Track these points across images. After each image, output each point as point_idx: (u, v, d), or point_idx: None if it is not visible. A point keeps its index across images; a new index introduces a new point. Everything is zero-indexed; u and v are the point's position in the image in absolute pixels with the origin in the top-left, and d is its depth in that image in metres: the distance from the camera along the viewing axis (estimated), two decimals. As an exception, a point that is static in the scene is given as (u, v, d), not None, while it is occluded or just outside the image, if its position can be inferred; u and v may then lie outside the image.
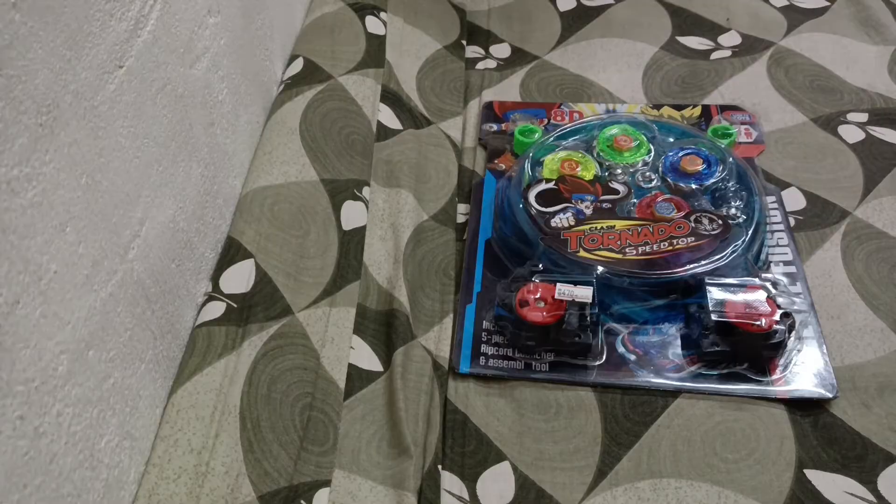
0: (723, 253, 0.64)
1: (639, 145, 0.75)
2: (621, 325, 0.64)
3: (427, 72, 0.89)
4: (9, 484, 0.36)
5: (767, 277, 0.63)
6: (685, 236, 0.65)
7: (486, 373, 0.62)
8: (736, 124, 0.81)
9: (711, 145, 0.74)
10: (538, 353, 0.62)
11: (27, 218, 0.37)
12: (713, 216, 0.66)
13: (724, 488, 0.54)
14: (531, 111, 0.86)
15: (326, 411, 0.56)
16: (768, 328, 0.58)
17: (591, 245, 0.65)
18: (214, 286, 0.59)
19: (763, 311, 0.59)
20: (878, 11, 0.95)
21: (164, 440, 0.50)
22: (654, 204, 0.68)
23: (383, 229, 0.70)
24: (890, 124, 0.81)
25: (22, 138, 0.36)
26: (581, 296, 0.59)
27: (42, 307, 0.38)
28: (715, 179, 0.71)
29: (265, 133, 0.72)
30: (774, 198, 0.73)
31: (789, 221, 0.71)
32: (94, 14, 0.43)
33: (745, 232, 0.66)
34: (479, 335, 0.64)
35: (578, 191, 0.71)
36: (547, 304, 0.60)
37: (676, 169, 0.72)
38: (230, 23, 0.64)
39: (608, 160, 0.74)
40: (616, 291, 0.63)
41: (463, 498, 0.55)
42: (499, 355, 0.62)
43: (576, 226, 0.67)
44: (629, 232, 0.66)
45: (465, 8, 1.01)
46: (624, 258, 0.64)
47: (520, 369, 0.62)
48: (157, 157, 0.51)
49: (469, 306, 0.66)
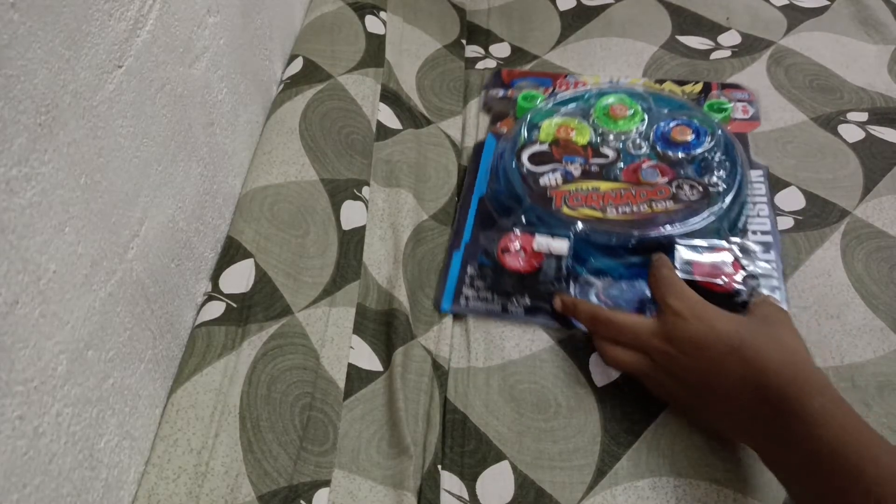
0: (699, 217, 0.66)
1: (634, 114, 0.78)
2: (597, 279, 0.67)
3: (427, 71, 0.89)
4: (8, 484, 0.36)
5: (737, 242, 0.66)
6: (665, 200, 0.68)
7: (465, 312, 0.65)
8: (734, 101, 0.83)
9: (703, 118, 0.77)
10: (515, 297, 0.65)
11: (26, 218, 0.37)
12: (694, 183, 0.70)
13: (723, 487, 0.54)
14: (538, 80, 0.89)
15: (326, 411, 0.56)
16: (730, 287, 0.60)
17: (575, 203, 0.69)
18: (214, 286, 0.59)
19: (727, 271, 0.61)
20: (878, 11, 0.95)
21: (163, 440, 0.50)
22: (641, 169, 0.72)
23: (383, 229, 0.70)
24: (890, 123, 0.81)
25: (21, 138, 0.36)
26: (557, 248, 0.64)
27: (41, 307, 0.38)
28: (702, 150, 0.74)
29: (265, 132, 0.72)
30: (761, 172, 0.76)
31: (772, 195, 0.74)
32: (93, 14, 0.43)
33: (722, 199, 0.68)
34: (462, 279, 0.68)
35: (570, 153, 0.74)
36: (526, 254, 0.65)
37: (666, 138, 0.75)
38: (229, 22, 0.64)
39: (603, 127, 0.77)
40: (594, 247, 0.67)
41: (462, 497, 0.55)
42: (479, 298, 0.66)
43: (563, 185, 0.71)
44: (612, 193, 0.69)
45: (464, 7, 1.01)
46: (604, 217, 0.68)
47: (497, 311, 0.65)
48: (157, 157, 0.51)
49: (456, 252, 0.70)
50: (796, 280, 0.67)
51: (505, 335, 0.64)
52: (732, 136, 0.75)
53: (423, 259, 0.69)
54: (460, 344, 0.64)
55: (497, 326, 0.65)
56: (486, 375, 0.62)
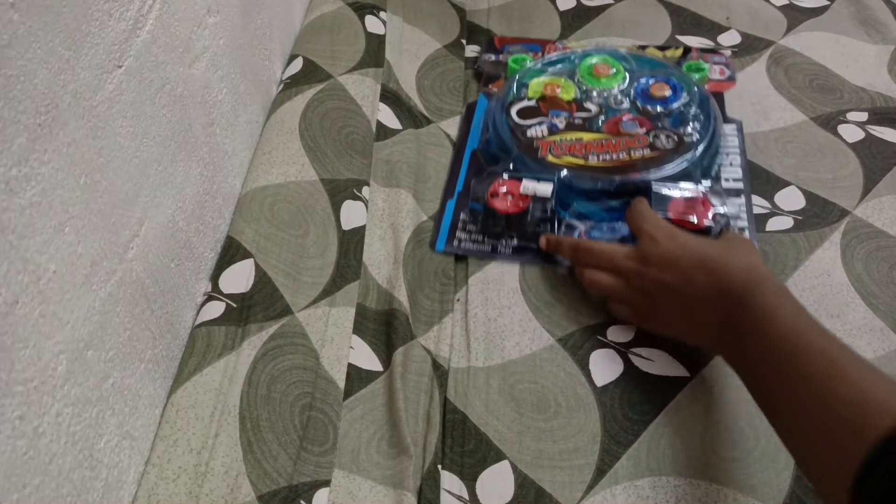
0: (674, 163, 0.72)
1: (616, 73, 0.84)
2: (579, 222, 0.72)
3: (427, 71, 0.89)
4: (8, 484, 0.36)
5: (708, 185, 0.71)
6: (642, 148, 0.74)
7: (458, 252, 0.71)
8: (711, 63, 0.89)
9: (681, 76, 0.82)
10: (504, 239, 0.71)
11: (26, 218, 0.37)
12: (670, 133, 0.76)
13: (723, 486, 0.54)
14: (528, 46, 0.94)
15: (326, 411, 0.56)
16: (700, 224, 0.66)
17: (559, 152, 0.75)
18: (214, 286, 0.59)
19: (698, 209, 0.67)
20: (878, 11, 0.95)
21: (163, 440, 0.50)
22: (621, 122, 0.78)
23: (383, 229, 0.70)
24: (890, 123, 0.81)
25: (20, 138, 0.36)
26: (542, 191, 0.70)
27: (41, 307, 0.38)
28: (678, 104, 0.79)
29: (264, 132, 0.72)
30: (735, 126, 0.81)
31: (745, 147, 0.79)
32: (93, 14, 0.43)
33: (696, 147, 0.74)
34: (455, 224, 0.73)
35: (556, 108, 0.80)
36: (514, 197, 0.70)
37: (646, 94, 0.81)
38: (229, 22, 0.64)
39: (587, 84, 0.83)
40: (576, 193, 0.73)
41: (462, 497, 0.55)
42: (470, 240, 0.71)
43: (548, 136, 0.77)
44: (594, 143, 0.75)
45: (464, 7, 1.01)
46: (586, 164, 0.73)
47: (487, 251, 0.71)
48: (157, 157, 0.51)
49: (450, 201, 0.75)
50: (796, 280, 0.67)
51: (505, 335, 0.64)
52: (707, 93, 0.80)
53: (423, 260, 0.69)
54: (460, 344, 0.64)
55: (497, 326, 0.65)
56: (486, 375, 0.62)
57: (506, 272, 0.69)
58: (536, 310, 0.66)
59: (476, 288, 0.68)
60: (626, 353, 0.63)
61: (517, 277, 0.69)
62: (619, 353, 0.63)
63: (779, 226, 0.72)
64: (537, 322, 0.65)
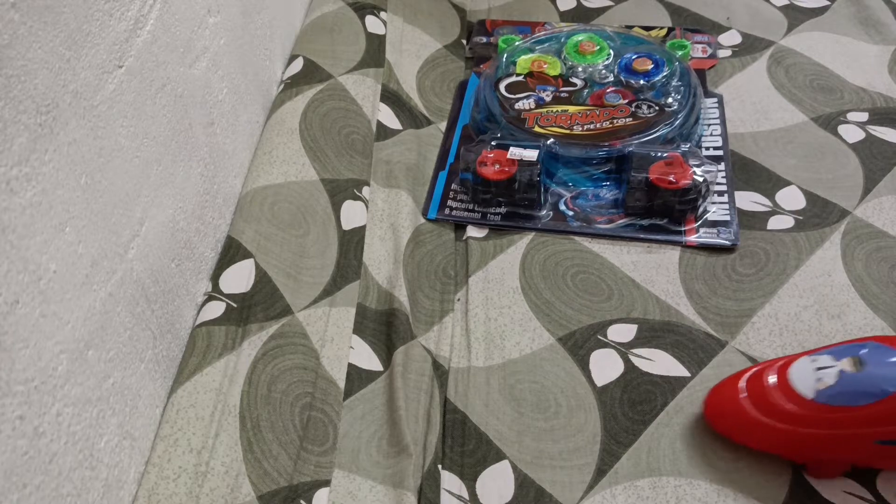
0: (655, 131, 0.76)
1: (601, 50, 0.87)
2: (565, 190, 0.76)
3: (427, 71, 0.89)
4: (8, 483, 0.36)
5: (687, 148, 0.73)
6: (625, 117, 0.78)
7: (449, 220, 0.74)
8: (693, 42, 0.92)
9: (663, 52, 0.86)
10: (493, 205, 0.74)
11: (26, 217, 0.37)
12: (652, 103, 0.79)
13: (723, 486, 0.54)
14: (518, 28, 0.97)
15: (326, 411, 0.56)
16: (679, 185, 0.69)
17: (545, 123, 0.78)
18: (214, 286, 0.59)
19: (678, 171, 0.70)
20: (878, 11, 0.95)
21: (163, 440, 0.50)
22: (605, 94, 0.81)
23: (383, 229, 0.70)
24: (890, 123, 0.81)
25: (21, 138, 0.36)
26: (528, 156, 0.72)
27: (41, 307, 0.38)
28: (660, 77, 0.82)
29: (265, 132, 0.72)
30: (716, 99, 0.85)
31: (725, 118, 0.82)
32: (94, 14, 0.43)
33: (676, 116, 0.77)
34: (447, 193, 0.76)
35: (542, 83, 0.84)
36: (501, 165, 0.72)
37: (629, 68, 0.84)
38: (230, 22, 0.64)
39: (572, 61, 0.86)
40: (561, 162, 0.76)
41: (463, 497, 0.55)
42: (461, 208, 0.75)
43: (535, 108, 0.80)
44: (579, 114, 0.79)
45: (464, 7, 1.01)
46: (571, 133, 0.77)
47: (477, 218, 0.74)
48: (157, 157, 0.52)
49: (442, 173, 0.79)
50: (796, 280, 0.67)
51: (505, 334, 0.64)
52: (689, 67, 0.84)
53: (423, 260, 0.69)
54: (460, 344, 0.64)
55: (497, 325, 0.65)
56: (487, 375, 0.62)
57: (506, 272, 0.69)
58: (537, 309, 0.66)
59: (476, 287, 0.68)
60: (626, 353, 0.63)
61: (517, 277, 0.69)
62: (620, 353, 0.63)
63: (780, 225, 0.72)
64: (538, 322, 0.65)
